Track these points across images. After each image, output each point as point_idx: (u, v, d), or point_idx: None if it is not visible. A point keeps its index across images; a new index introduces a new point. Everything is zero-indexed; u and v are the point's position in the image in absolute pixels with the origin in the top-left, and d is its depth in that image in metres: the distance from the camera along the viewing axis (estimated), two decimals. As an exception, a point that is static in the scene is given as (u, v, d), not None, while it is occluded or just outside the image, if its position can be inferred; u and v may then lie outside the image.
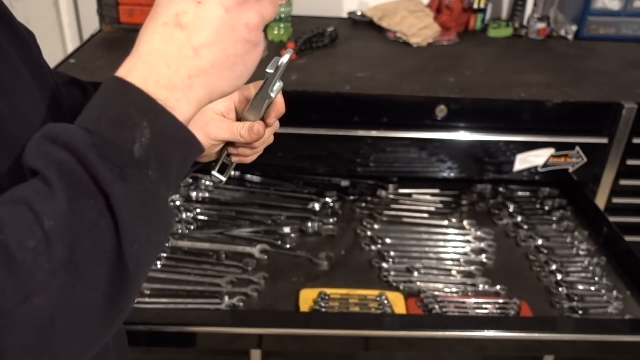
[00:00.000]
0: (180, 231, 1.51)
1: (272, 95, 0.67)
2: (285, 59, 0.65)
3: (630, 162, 1.64)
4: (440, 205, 1.68)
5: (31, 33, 0.72)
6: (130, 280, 0.45)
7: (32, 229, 0.41)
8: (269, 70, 0.66)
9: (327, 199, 1.65)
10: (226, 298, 1.31)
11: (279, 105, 0.70)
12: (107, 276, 0.44)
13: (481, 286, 1.39)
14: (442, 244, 1.54)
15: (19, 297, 0.40)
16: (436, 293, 1.36)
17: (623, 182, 1.68)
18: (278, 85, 0.67)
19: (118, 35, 1.86)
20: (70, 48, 2.16)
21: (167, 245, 1.44)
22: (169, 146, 0.47)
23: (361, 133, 1.57)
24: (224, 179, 0.74)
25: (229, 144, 0.72)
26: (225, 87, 0.52)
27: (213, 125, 0.68)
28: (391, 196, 1.71)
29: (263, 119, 0.69)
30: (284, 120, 0.73)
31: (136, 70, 0.48)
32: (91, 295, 0.43)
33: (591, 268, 1.46)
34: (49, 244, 0.41)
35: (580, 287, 1.40)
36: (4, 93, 0.57)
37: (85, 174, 0.43)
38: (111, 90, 0.47)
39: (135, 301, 0.61)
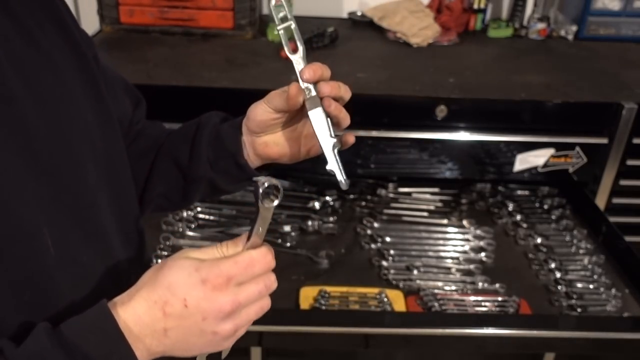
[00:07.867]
0: (180, 230, 1.51)
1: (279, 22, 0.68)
2: None
3: (630, 162, 1.65)
4: (439, 204, 1.69)
5: (90, 41, 0.74)
6: None
7: None
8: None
9: (327, 198, 1.66)
10: (226, 296, 1.31)
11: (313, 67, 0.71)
12: None
13: (480, 284, 1.40)
14: (441, 242, 1.54)
15: None
16: (435, 291, 1.37)
17: (623, 182, 1.68)
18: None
19: (118, 35, 1.87)
20: (72, 48, 2.17)
21: (167, 244, 1.45)
22: None
23: (361, 133, 1.57)
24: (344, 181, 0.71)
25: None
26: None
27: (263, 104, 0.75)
28: (391, 195, 1.71)
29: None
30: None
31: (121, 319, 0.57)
32: None
33: (590, 266, 1.47)
34: None
35: (579, 285, 1.41)
36: (44, 106, 0.61)
37: None
38: (107, 332, 0.56)
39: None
